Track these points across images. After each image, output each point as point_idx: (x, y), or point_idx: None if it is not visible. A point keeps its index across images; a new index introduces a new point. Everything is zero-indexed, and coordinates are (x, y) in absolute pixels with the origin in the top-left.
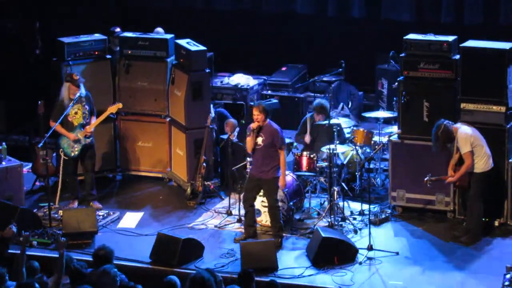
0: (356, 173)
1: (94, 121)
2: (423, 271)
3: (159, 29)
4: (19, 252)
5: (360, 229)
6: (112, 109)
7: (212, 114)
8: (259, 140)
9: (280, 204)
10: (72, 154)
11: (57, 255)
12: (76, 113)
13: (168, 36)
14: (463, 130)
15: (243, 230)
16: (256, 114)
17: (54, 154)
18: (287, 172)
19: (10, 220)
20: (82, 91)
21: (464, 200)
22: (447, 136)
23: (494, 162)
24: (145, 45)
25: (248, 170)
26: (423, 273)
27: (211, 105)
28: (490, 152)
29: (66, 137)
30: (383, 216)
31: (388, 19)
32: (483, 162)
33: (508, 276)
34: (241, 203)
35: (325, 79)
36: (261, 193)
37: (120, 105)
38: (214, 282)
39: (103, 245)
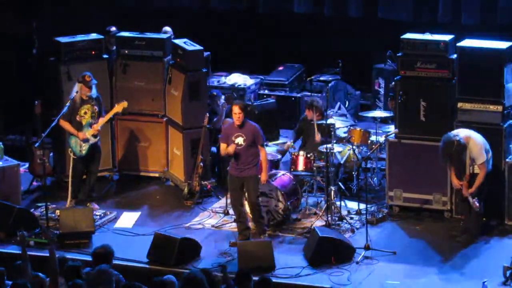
0: (353, 173)
1: (100, 121)
2: (420, 270)
3: (167, 28)
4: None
5: (357, 229)
6: (118, 107)
7: (222, 100)
8: (240, 140)
9: (277, 203)
10: (80, 153)
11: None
12: (85, 113)
13: (165, 35)
14: (476, 140)
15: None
16: (238, 112)
17: (51, 154)
18: (283, 172)
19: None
20: (94, 91)
21: (462, 200)
22: (462, 150)
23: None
24: (141, 44)
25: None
26: (420, 273)
27: (222, 97)
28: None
29: (75, 137)
30: (380, 216)
31: (385, 19)
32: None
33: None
34: (230, 207)
35: (322, 78)
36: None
37: (125, 104)
38: (206, 281)
39: (104, 245)
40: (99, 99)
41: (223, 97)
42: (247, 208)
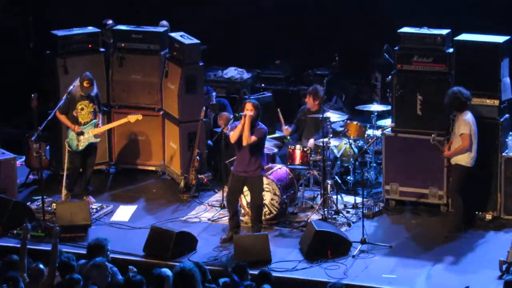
0: (350, 167)
1: (108, 124)
2: (416, 264)
3: (164, 22)
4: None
5: (353, 222)
6: (131, 118)
7: (213, 101)
8: None
9: (273, 197)
10: (76, 148)
11: (51, 248)
12: (82, 109)
13: (162, 28)
14: (469, 114)
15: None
16: (250, 109)
17: (48, 147)
18: (280, 166)
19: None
20: (94, 90)
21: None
22: (467, 99)
23: (487, 156)
24: (138, 38)
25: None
26: (416, 267)
27: (214, 94)
28: (476, 152)
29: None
30: (376, 210)
31: (382, 13)
32: (470, 156)
33: None
34: (226, 204)
35: (319, 72)
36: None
37: (140, 117)
38: (198, 272)
39: (97, 238)
40: (97, 97)
41: (214, 93)
42: (243, 201)
